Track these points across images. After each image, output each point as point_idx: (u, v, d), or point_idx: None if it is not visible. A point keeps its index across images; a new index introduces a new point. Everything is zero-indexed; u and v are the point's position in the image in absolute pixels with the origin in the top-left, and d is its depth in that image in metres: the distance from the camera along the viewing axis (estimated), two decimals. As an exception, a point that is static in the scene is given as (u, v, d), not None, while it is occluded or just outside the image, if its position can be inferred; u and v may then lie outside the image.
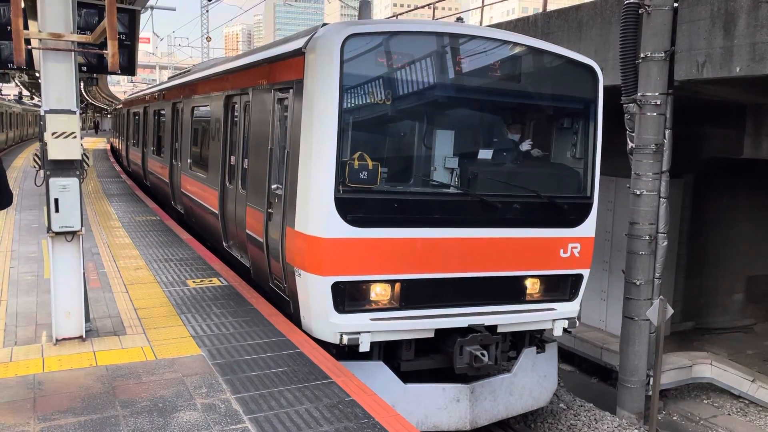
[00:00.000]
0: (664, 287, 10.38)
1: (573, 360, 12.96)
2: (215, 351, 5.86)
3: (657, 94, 9.42)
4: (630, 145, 9.85)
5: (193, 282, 8.25)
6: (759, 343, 13.97)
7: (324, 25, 6.57)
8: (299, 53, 6.50)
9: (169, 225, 12.49)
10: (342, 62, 6.00)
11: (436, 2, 19.08)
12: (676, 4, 9.21)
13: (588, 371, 12.69)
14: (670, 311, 9.05)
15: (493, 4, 19.84)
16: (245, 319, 6.81)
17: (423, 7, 25.07)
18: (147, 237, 11.15)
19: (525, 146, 7.34)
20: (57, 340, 5.89)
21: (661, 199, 9.80)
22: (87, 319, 6.11)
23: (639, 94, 9.54)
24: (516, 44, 6.93)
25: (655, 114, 9.49)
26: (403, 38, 6.50)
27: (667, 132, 9.61)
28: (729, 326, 14.88)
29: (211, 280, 8.35)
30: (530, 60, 7.09)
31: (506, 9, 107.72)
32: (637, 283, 9.90)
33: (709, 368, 11.97)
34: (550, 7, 13.20)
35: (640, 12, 9.49)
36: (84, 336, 5.99)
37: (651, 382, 9.88)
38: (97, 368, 5.39)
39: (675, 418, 11.01)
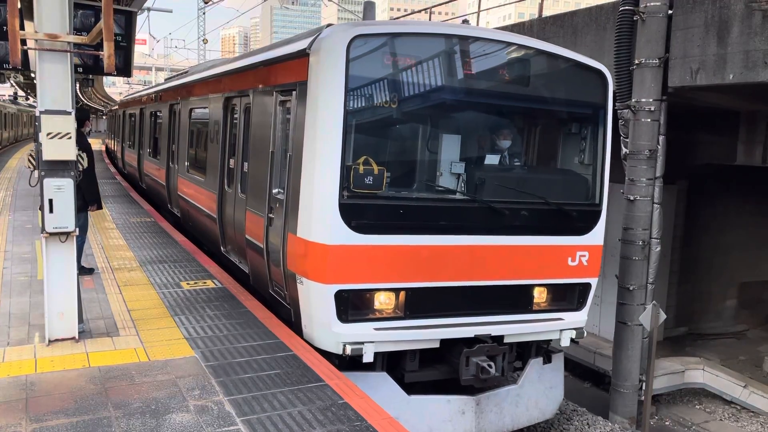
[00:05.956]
0: (657, 293, 10.42)
1: (566, 364, 12.97)
2: (208, 353, 5.85)
3: (651, 100, 9.47)
4: (624, 150, 9.90)
5: (187, 284, 8.24)
6: (751, 349, 14.03)
7: (329, 25, 6.40)
8: (303, 54, 6.34)
9: (164, 227, 12.47)
10: (348, 64, 5.84)
11: (433, 7, 19.16)
12: (670, 12, 9.28)
13: (581, 376, 12.72)
14: (663, 316, 9.09)
15: (489, 9, 19.94)
16: (239, 321, 6.81)
17: (420, 11, 25.17)
18: (141, 238, 11.13)
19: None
20: (50, 341, 5.88)
21: (655, 205, 9.84)
22: (80, 320, 6.10)
23: (633, 100, 9.59)
24: (525, 47, 6.77)
25: (649, 120, 9.55)
26: (410, 40, 6.35)
27: (661, 138, 9.67)
28: (722, 332, 14.95)
29: (205, 282, 8.34)
30: (539, 63, 6.92)
31: (503, 14, 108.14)
32: (631, 288, 9.94)
33: (702, 374, 12.02)
34: (546, 13, 13.26)
35: (634, 18, 9.55)
36: (77, 337, 5.98)
37: (643, 387, 9.91)
38: (89, 369, 5.38)
39: (667, 423, 11.05)
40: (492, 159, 6.97)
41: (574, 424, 9.21)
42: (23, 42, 5.34)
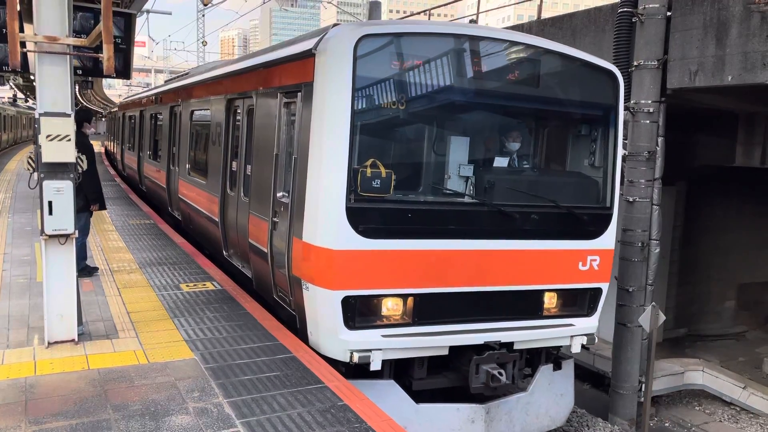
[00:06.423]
0: (656, 294, 10.43)
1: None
2: (208, 355, 5.85)
3: (650, 101, 9.49)
4: (623, 152, 9.91)
5: (187, 286, 8.24)
6: (750, 350, 14.04)
7: (335, 25, 6.29)
8: (309, 54, 6.18)
9: (163, 229, 12.47)
10: (355, 64, 5.71)
11: (432, 8, 19.19)
12: (669, 13, 9.30)
13: (580, 377, 12.70)
14: (663, 318, 9.08)
15: (489, 11, 19.96)
16: (238, 323, 6.80)
17: (419, 13, 25.20)
18: (141, 240, 11.13)
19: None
20: (49, 343, 5.87)
21: (654, 206, 9.86)
22: (79, 323, 6.09)
23: (632, 102, 9.61)
24: (535, 47, 6.64)
25: (648, 121, 9.57)
26: (419, 39, 6.22)
27: (660, 139, 9.69)
28: (721, 333, 14.96)
29: (204, 284, 8.34)
30: (549, 64, 6.77)
31: (502, 16, 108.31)
32: (630, 289, 9.95)
33: (701, 375, 12.03)
34: (545, 15, 13.30)
35: (633, 20, 9.57)
36: (76, 339, 5.98)
37: (643, 389, 9.91)
38: (89, 371, 5.38)
39: (667, 424, 11.05)
40: (502, 161, 6.84)
41: (574, 426, 9.21)
42: (23, 44, 5.35)
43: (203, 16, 71.31)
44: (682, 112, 10.75)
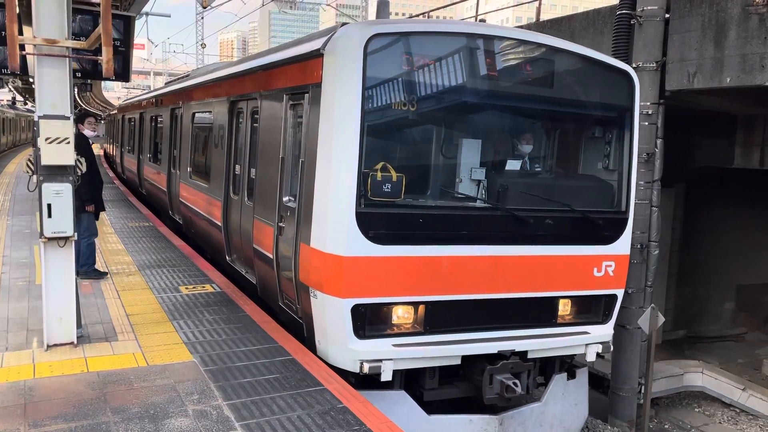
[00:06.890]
0: (655, 296, 10.43)
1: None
2: (207, 357, 5.85)
3: (649, 103, 9.49)
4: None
5: (186, 288, 8.23)
6: (750, 351, 14.06)
7: (344, 24, 6.11)
8: (317, 55, 6.02)
9: (162, 231, 12.46)
10: (365, 64, 5.55)
11: (432, 11, 19.23)
12: (667, 15, 9.31)
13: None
14: (662, 320, 9.08)
15: (487, 13, 20.01)
16: (238, 325, 6.80)
17: (418, 15, 25.24)
18: (140, 243, 11.13)
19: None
20: (48, 346, 5.87)
21: (653, 208, 9.86)
22: (79, 325, 6.09)
23: (631, 104, 9.61)
24: (549, 47, 6.48)
25: (646, 123, 9.56)
26: (430, 39, 6.06)
27: (659, 141, 9.69)
28: (720, 335, 14.98)
29: (204, 287, 8.33)
30: (563, 64, 6.59)
31: (500, 18, 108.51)
32: (629, 291, 9.94)
33: (701, 377, 12.03)
34: (544, 17, 13.32)
35: (632, 22, 9.58)
36: (75, 342, 5.98)
37: (643, 390, 9.91)
38: (88, 374, 5.37)
39: (666, 426, 11.04)
40: (514, 164, 6.67)
41: (574, 428, 9.20)
42: (22, 47, 5.35)
43: (202, 18, 71.26)
44: (680, 114, 10.76)
